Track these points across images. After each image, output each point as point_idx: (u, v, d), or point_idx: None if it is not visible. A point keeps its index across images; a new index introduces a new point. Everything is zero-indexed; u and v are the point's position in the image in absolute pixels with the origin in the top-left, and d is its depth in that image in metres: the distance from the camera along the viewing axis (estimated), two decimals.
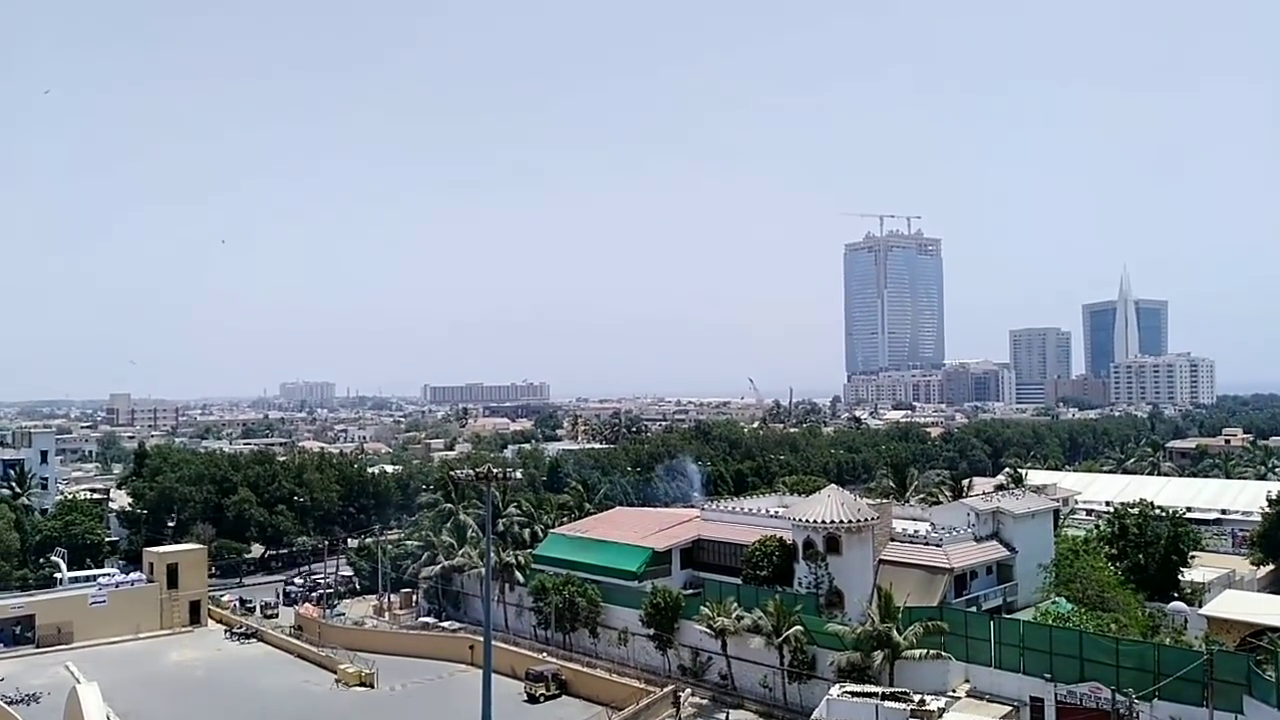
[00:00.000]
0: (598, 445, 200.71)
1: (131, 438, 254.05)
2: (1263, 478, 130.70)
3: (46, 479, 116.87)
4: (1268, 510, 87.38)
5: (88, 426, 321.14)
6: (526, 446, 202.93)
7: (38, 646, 76.92)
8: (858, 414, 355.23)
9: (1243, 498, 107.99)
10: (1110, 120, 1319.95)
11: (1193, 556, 76.40)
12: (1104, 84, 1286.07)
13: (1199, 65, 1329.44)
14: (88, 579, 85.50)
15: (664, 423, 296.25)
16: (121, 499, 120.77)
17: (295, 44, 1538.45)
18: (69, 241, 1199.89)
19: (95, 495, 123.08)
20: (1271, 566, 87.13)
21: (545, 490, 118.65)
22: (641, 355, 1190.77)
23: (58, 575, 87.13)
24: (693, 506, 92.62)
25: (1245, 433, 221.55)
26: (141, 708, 60.25)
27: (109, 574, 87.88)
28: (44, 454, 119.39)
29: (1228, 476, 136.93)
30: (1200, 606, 64.14)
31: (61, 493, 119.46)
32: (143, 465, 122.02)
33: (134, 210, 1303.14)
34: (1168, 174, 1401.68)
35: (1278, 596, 69.78)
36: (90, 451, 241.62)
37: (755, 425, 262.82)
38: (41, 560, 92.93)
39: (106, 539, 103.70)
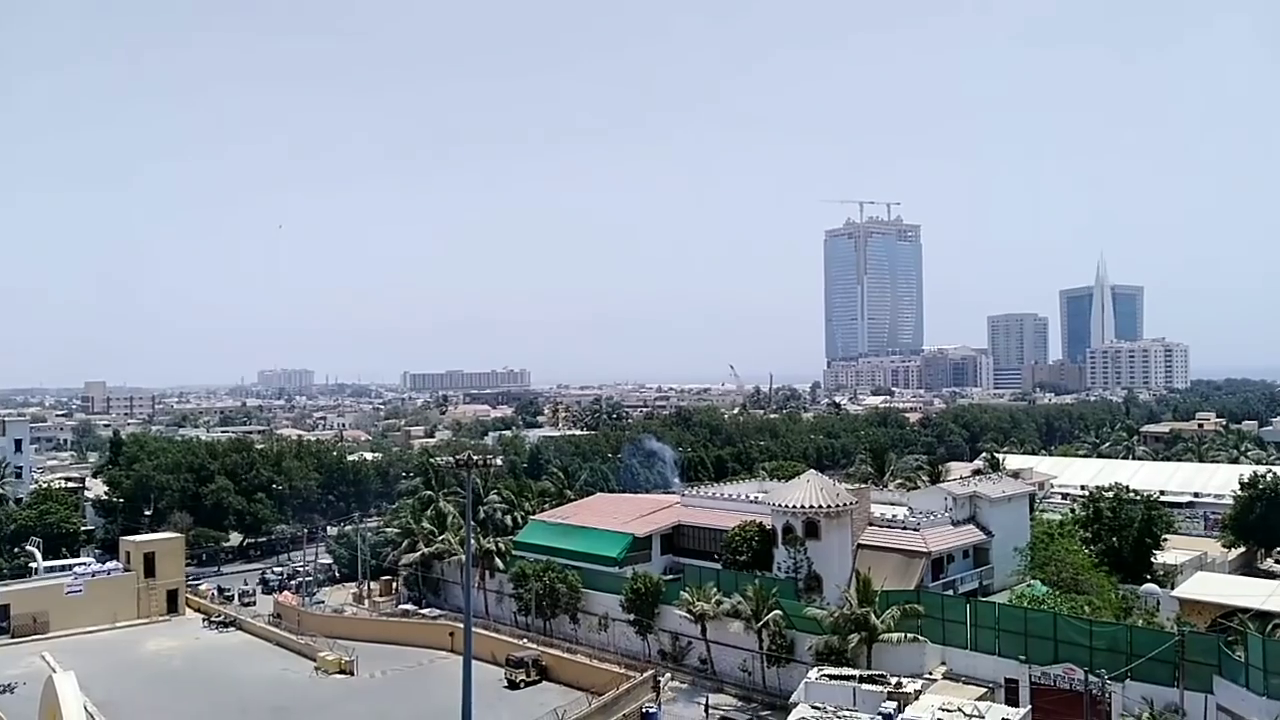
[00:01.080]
0: (579, 432, 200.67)
1: (107, 426, 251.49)
2: (1235, 461, 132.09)
3: (21, 468, 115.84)
4: (1239, 493, 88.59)
5: (63, 415, 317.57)
6: (507, 433, 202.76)
7: (13, 636, 76.20)
8: (837, 400, 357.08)
9: (1215, 481, 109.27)
10: (1090, 107, 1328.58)
11: (1165, 539, 77.46)
12: (1085, 71, 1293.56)
13: (1184, 50, 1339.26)
14: (63, 568, 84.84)
15: (645, 409, 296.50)
16: (97, 488, 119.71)
17: (281, 40, 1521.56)
18: (42, 229, 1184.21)
19: (70, 484, 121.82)
20: (1242, 549, 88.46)
21: (526, 477, 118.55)
22: (622, 342, 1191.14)
23: (33, 565, 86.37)
24: (673, 493, 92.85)
25: (1218, 417, 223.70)
26: (119, 697, 59.96)
27: (85, 563, 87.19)
28: (18, 442, 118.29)
29: (1200, 460, 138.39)
30: (1172, 589, 65.02)
31: (36, 481, 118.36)
32: (119, 454, 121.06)
33: (112, 198, 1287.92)
34: (1145, 161, 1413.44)
35: (1248, 578, 70.84)
36: (65, 440, 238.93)
37: (735, 411, 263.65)
38: (16, 550, 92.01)
39: (82, 528, 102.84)
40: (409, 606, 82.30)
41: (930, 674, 50.80)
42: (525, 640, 68.40)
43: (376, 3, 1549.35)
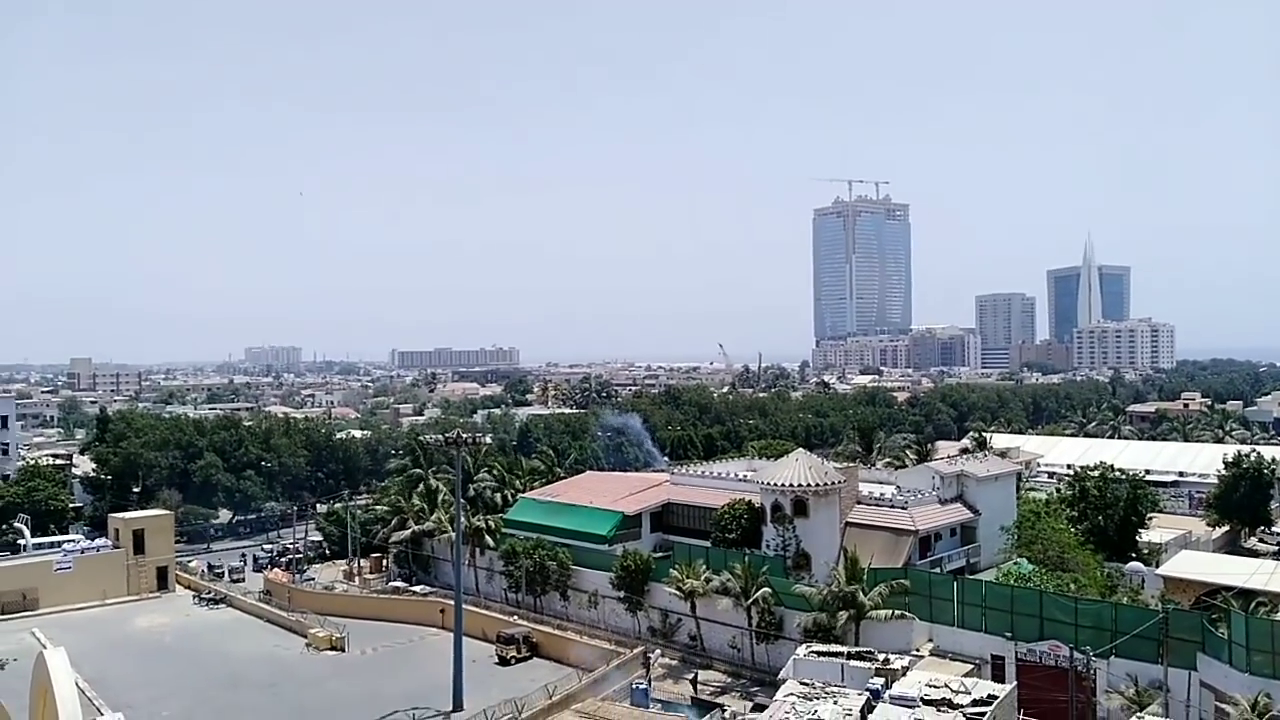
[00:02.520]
0: (568, 410, 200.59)
1: (94, 403, 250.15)
2: (1219, 441, 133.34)
3: (7, 444, 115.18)
4: (1223, 473, 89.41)
5: (48, 391, 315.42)
6: (496, 411, 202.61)
7: (2, 613, 76.12)
8: (826, 379, 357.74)
9: (1199, 460, 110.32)
10: (1080, 88, 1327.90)
11: (1150, 518, 78.19)
12: (1076, 54, 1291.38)
13: (1176, 37, 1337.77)
14: (52, 545, 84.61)
15: (634, 388, 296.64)
16: (85, 465, 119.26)
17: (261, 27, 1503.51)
18: (31, 205, 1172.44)
19: (58, 461, 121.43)
20: (1226, 528, 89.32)
21: (515, 455, 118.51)
22: (611, 320, 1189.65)
23: (21, 541, 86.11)
24: (662, 471, 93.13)
25: (1203, 397, 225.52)
26: (110, 673, 60.05)
27: (74, 540, 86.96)
28: (4, 419, 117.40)
29: (1185, 440, 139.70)
30: (1157, 566, 65.74)
31: (23, 458, 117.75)
32: (106, 430, 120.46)
33: (100, 175, 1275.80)
34: (1133, 142, 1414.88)
35: (1232, 557, 71.71)
36: (51, 417, 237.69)
37: (725, 390, 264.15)
38: (4, 526, 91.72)
39: (70, 505, 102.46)
40: (399, 584, 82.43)
41: (917, 651, 51.28)
42: (515, 617, 68.70)
43: None
